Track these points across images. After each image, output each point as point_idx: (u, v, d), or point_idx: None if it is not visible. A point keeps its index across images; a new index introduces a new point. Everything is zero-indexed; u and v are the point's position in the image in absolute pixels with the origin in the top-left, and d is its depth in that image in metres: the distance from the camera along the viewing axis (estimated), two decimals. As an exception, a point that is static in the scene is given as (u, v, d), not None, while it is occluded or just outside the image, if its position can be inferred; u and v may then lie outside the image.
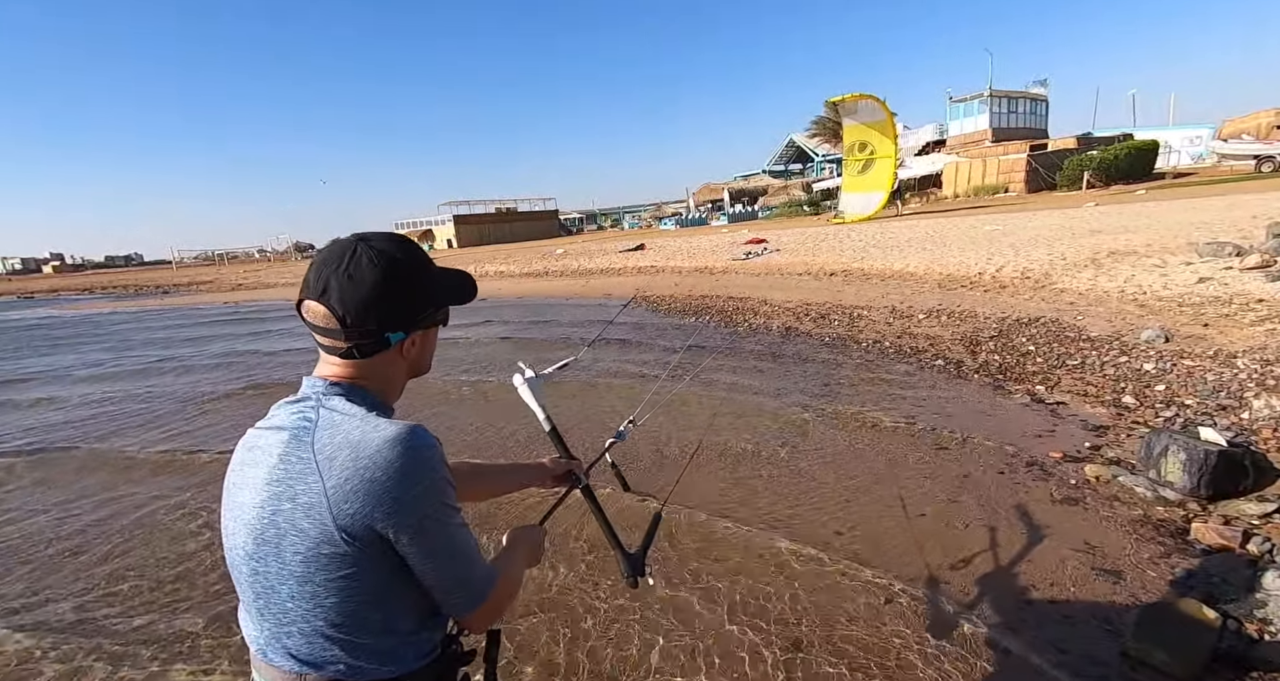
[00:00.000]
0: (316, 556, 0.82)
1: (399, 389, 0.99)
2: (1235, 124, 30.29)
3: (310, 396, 0.90)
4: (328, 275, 0.86)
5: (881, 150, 23.36)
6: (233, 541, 0.90)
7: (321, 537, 0.81)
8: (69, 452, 5.28)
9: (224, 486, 0.94)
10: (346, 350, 0.89)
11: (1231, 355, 4.71)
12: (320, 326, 0.88)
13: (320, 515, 0.81)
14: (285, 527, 0.83)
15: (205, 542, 3.46)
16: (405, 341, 0.93)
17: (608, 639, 2.43)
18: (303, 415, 0.88)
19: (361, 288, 0.86)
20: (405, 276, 0.90)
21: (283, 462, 0.85)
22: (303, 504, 0.82)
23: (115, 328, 16.01)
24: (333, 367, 0.92)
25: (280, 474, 0.84)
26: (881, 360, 6.16)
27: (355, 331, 0.87)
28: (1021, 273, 9.15)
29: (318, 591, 0.83)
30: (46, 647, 2.65)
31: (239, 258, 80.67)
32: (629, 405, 5.15)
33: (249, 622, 0.92)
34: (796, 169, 52.93)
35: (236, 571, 0.90)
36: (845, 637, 2.32)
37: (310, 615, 0.84)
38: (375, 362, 0.92)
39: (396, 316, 0.90)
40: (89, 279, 52.36)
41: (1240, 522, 2.75)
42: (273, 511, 0.84)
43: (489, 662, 1.07)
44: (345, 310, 0.86)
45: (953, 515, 3.14)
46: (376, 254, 0.87)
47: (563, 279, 18.18)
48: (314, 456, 0.83)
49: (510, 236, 51.36)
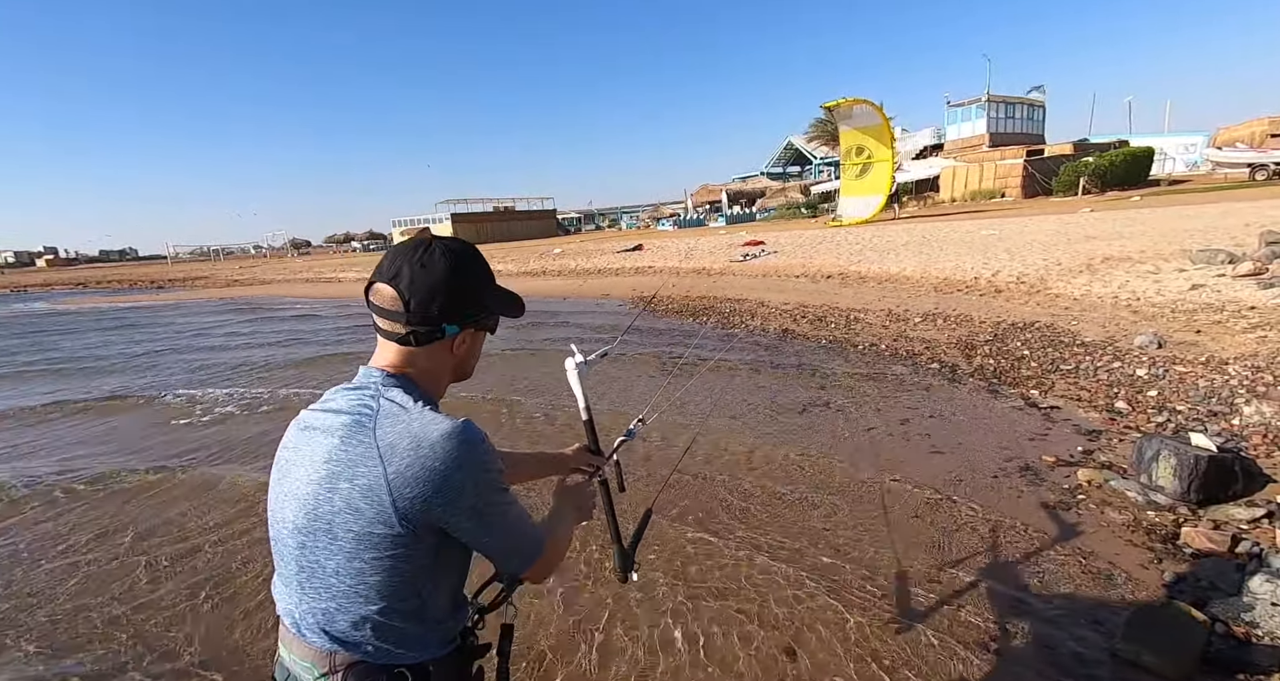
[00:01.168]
0: (369, 534, 0.87)
1: (444, 387, 1.05)
2: (1230, 132, 30.54)
3: (368, 386, 0.96)
4: (401, 262, 0.93)
5: (878, 154, 23.45)
6: (281, 515, 0.95)
7: (377, 518, 0.86)
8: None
9: (275, 462, 0.99)
10: (404, 335, 0.95)
11: (1223, 362, 4.76)
12: (386, 308, 0.94)
13: (379, 497, 0.86)
14: (340, 505, 0.87)
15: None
16: (458, 337, 0.99)
17: (613, 636, 2.46)
18: (362, 402, 0.93)
19: (432, 275, 0.93)
20: (471, 274, 0.98)
21: (344, 445, 0.89)
22: (361, 486, 0.87)
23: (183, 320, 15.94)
24: (388, 356, 0.97)
25: (341, 455, 0.89)
26: (878, 362, 6.20)
27: (417, 316, 0.93)
28: (1017, 277, 9.22)
29: (363, 568, 0.88)
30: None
31: (234, 254, 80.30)
32: (631, 404, 5.18)
33: (287, 595, 0.96)
34: (794, 171, 53.03)
35: (282, 544, 0.95)
36: (833, 636, 2.35)
37: (352, 591, 0.89)
38: (428, 353, 0.97)
39: (456, 309, 0.96)
40: (82, 273, 52.01)
41: (1229, 527, 2.78)
42: (329, 489, 0.89)
43: (501, 656, 1.09)
44: (412, 294, 0.92)
45: (945, 517, 3.17)
46: (448, 250, 0.96)
47: (560, 278, 18.19)
48: (376, 443, 0.88)
49: (508, 236, 51.27)
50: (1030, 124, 37.40)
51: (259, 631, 2.63)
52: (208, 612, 2.80)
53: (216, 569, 3.16)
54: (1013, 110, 36.58)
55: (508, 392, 6.04)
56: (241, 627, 2.67)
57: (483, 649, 1.07)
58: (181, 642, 2.60)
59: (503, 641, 1.10)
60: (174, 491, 4.20)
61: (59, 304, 24.39)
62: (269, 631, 2.62)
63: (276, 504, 0.96)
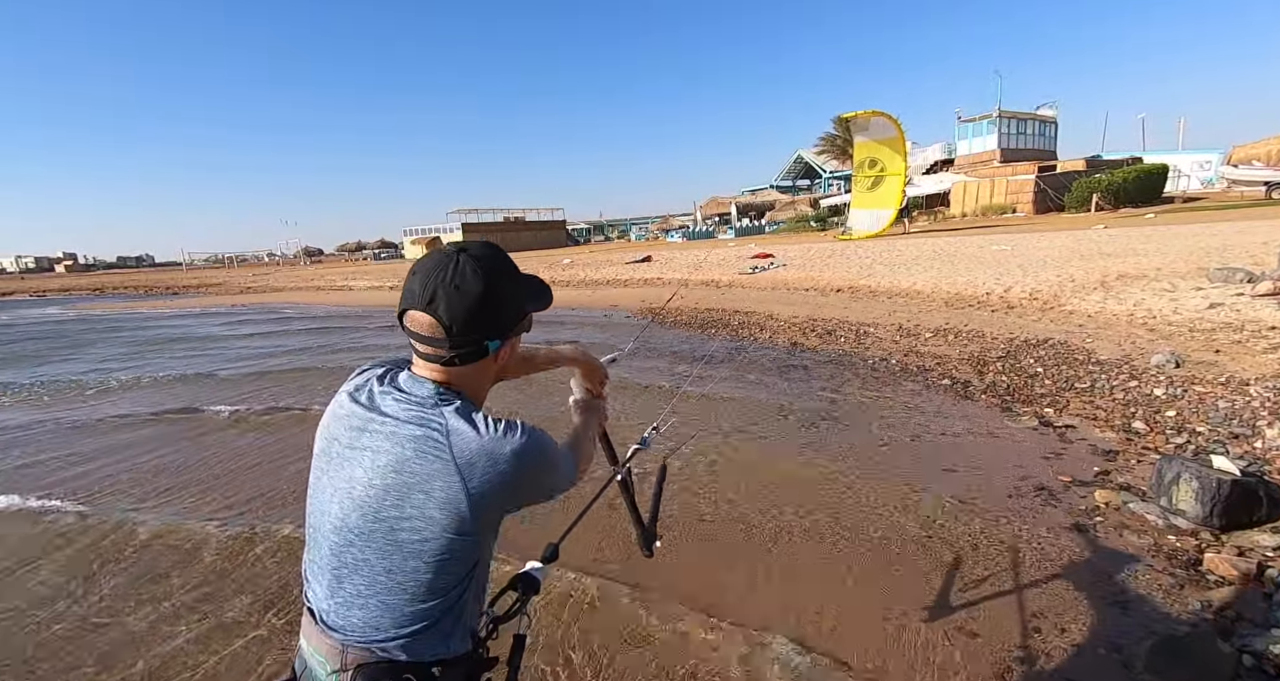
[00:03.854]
0: (440, 538, 0.91)
1: (486, 393, 1.07)
2: (1245, 150, 30.31)
3: (424, 399, 0.96)
4: (434, 287, 0.91)
5: (891, 167, 23.42)
6: (325, 507, 0.96)
7: (450, 526, 0.91)
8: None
9: (321, 451, 1.00)
10: (449, 358, 0.95)
11: (1244, 382, 4.66)
12: (425, 335, 0.94)
13: (458, 509, 0.90)
14: (412, 513, 0.91)
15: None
16: (502, 349, 1.00)
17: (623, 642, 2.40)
18: (425, 415, 0.94)
19: (468, 298, 0.92)
20: (506, 285, 0.97)
21: (419, 459, 0.91)
22: (439, 498, 0.90)
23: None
24: (435, 373, 0.98)
25: (417, 468, 0.91)
26: (888, 377, 6.12)
27: (460, 340, 0.93)
28: (1030, 293, 9.12)
29: (419, 567, 0.91)
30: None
31: (248, 261, 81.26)
32: (642, 413, 5.13)
33: (318, 586, 0.98)
34: (804, 184, 53.13)
35: (320, 535, 0.97)
36: (844, 661, 2.28)
37: (400, 587, 0.92)
38: (473, 369, 0.99)
39: (497, 325, 0.97)
40: (100, 279, 52.75)
41: (1254, 554, 2.69)
42: (399, 497, 0.91)
43: (513, 669, 1.08)
44: (453, 319, 0.92)
45: (957, 538, 3.09)
46: (479, 263, 0.93)
47: (570, 289, 18.21)
48: (454, 459, 0.91)
49: (518, 245, 51.57)
50: (1042, 140, 37.35)
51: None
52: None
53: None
54: (1024, 126, 36.56)
55: (522, 404, 6.01)
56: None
57: (492, 661, 1.06)
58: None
59: (514, 653, 1.09)
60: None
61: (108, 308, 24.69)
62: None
63: (322, 496, 0.97)
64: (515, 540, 2.99)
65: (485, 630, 1.07)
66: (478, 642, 1.03)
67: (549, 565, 1.20)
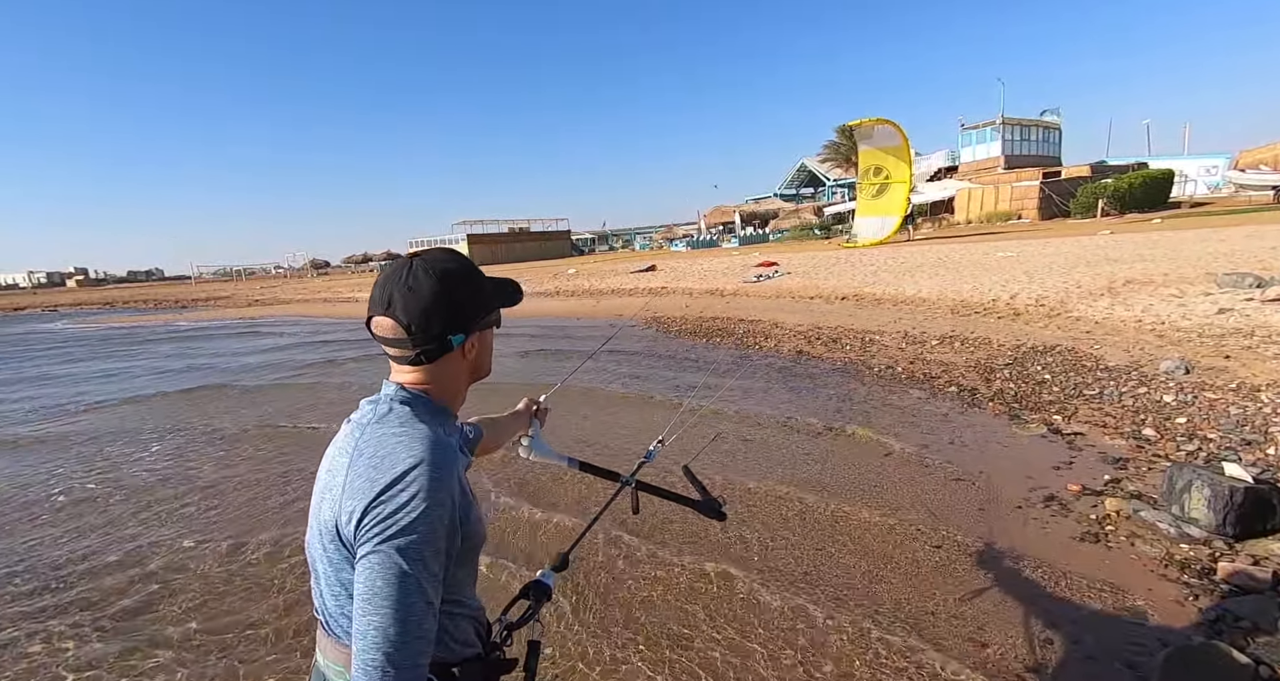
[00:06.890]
0: (334, 538, 0.89)
1: (463, 392, 1.07)
2: (1252, 154, 30.20)
3: (382, 398, 0.99)
4: (390, 290, 0.95)
5: (896, 175, 23.47)
6: (310, 520, 0.99)
7: (335, 523, 0.88)
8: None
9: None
10: (415, 357, 0.97)
11: (1255, 388, 4.61)
12: (389, 338, 0.96)
13: (334, 505, 0.89)
14: (327, 516, 0.91)
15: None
16: (466, 343, 1.01)
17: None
18: (372, 411, 0.97)
19: (421, 297, 0.94)
20: (459, 282, 0.98)
21: (342, 453, 0.94)
22: (333, 494, 0.90)
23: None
24: (404, 375, 1.00)
25: (338, 463, 0.93)
26: (894, 386, 6.10)
27: (421, 337, 0.95)
28: (1036, 300, 9.08)
29: (351, 578, 0.87)
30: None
31: (256, 274, 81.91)
32: (645, 425, 5.12)
33: (317, 595, 0.99)
34: (808, 193, 53.23)
35: (310, 549, 0.98)
36: (858, 670, 2.25)
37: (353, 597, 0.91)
38: (441, 366, 1.00)
39: (456, 319, 0.98)
40: (110, 293, 53.21)
41: (1269, 563, 2.65)
42: (318, 502, 0.95)
43: (529, 672, 1.09)
44: (410, 319, 0.94)
45: (968, 548, 3.06)
46: (429, 265, 0.96)
47: (574, 299, 18.26)
48: (352, 448, 0.92)
49: (523, 256, 51.78)
50: (1046, 146, 37.32)
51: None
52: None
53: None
54: (1028, 132, 36.56)
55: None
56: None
57: (510, 663, 1.08)
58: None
59: (530, 657, 1.11)
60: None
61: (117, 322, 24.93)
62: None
63: (311, 509, 1.00)
64: (523, 549, 2.98)
65: (500, 636, 1.09)
66: (490, 646, 1.05)
67: (559, 573, 1.24)
